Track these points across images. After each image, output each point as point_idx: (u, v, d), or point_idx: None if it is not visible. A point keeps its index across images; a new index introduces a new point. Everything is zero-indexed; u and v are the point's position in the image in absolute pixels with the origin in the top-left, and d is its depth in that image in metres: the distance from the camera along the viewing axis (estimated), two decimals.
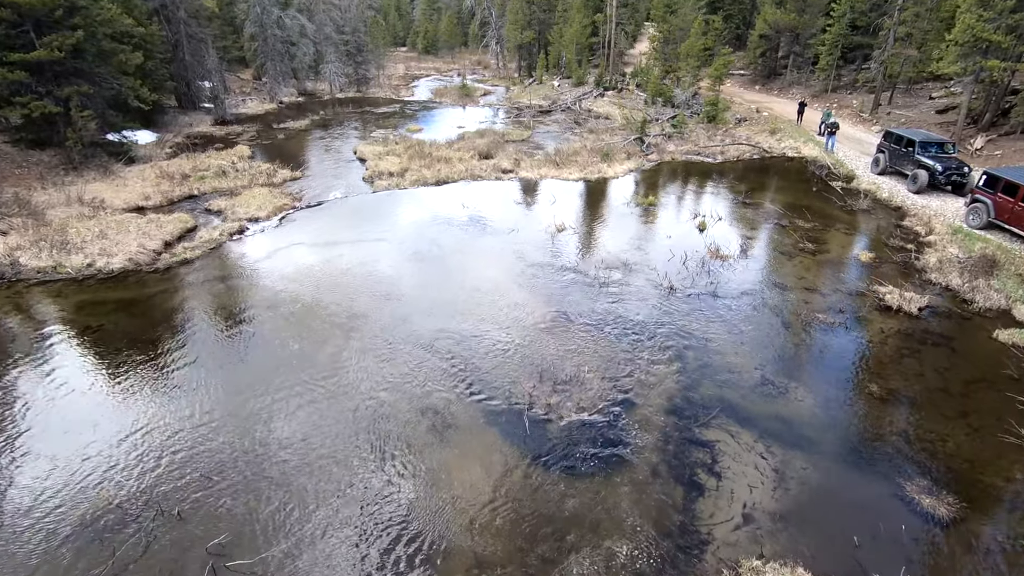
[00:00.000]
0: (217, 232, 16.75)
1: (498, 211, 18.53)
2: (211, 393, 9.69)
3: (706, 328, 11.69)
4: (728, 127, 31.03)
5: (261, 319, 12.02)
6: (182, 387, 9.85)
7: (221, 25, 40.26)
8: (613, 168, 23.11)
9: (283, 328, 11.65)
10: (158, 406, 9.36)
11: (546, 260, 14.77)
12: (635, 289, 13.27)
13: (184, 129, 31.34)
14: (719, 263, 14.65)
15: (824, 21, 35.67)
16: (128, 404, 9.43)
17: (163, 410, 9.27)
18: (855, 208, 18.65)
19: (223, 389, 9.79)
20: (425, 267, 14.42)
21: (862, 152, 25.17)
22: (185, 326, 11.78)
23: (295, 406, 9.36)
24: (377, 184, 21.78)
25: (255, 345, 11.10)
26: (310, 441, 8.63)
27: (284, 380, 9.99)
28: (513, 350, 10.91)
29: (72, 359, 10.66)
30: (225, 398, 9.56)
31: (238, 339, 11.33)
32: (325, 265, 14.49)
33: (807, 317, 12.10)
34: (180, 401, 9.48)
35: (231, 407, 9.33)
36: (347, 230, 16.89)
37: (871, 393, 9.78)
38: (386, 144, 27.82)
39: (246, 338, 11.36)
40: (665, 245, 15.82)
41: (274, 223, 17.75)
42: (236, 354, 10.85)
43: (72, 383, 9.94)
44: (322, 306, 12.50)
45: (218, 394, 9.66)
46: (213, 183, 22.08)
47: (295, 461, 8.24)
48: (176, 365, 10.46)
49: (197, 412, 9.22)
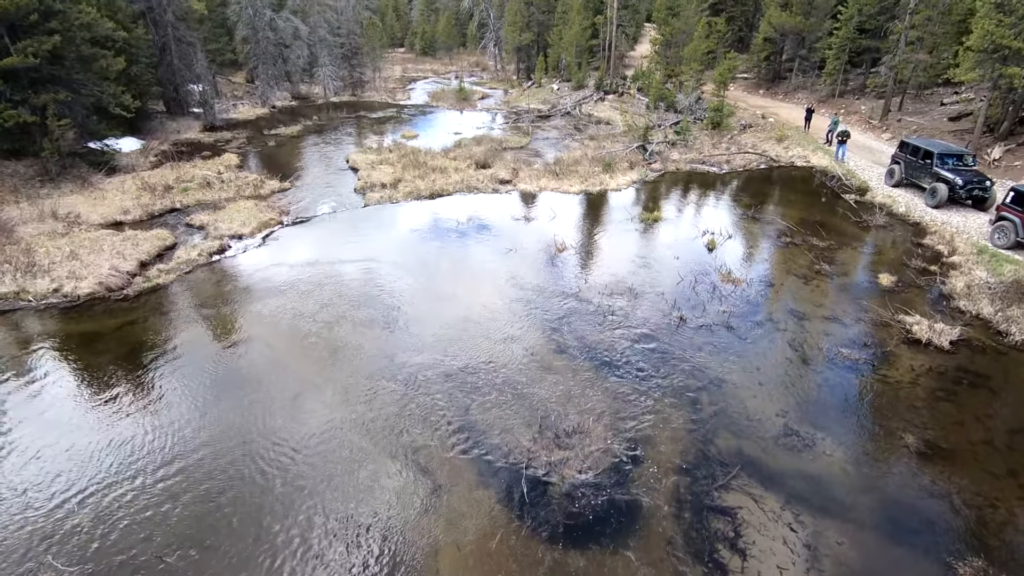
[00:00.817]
0: (196, 252, 15.74)
1: (494, 228, 17.55)
2: (165, 449, 8.70)
3: (720, 366, 10.72)
4: (733, 134, 30.07)
5: (233, 357, 11.03)
6: (132, 443, 8.85)
7: (212, 27, 39.23)
8: (615, 179, 22.13)
9: (256, 368, 10.66)
10: (99, 469, 8.37)
11: (546, 285, 13.79)
12: (642, 318, 12.30)
13: (171, 136, 30.32)
14: (731, 288, 13.68)
15: (830, 24, 34.74)
16: (67, 466, 8.44)
17: (106, 473, 8.28)
18: (871, 224, 17.69)
19: (179, 447, 8.80)
20: (415, 294, 13.43)
21: (874, 162, 24.22)
22: (145, 370, 10.75)
23: (255, 471, 8.36)
24: (369, 196, 20.79)
25: (224, 390, 10.10)
26: (271, 519, 7.64)
27: (248, 435, 9.00)
28: (510, 393, 9.94)
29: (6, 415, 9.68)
30: (180, 459, 8.57)
31: (205, 383, 10.32)
32: (306, 292, 13.50)
33: (829, 352, 11.13)
34: (129, 463, 8.49)
35: (187, 471, 8.34)
36: (333, 251, 15.89)
37: (907, 446, 8.81)
38: (379, 152, 26.83)
39: (214, 382, 10.35)
40: (673, 267, 14.85)
41: (257, 241, 16.75)
42: (201, 403, 9.83)
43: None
44: (300, 340, 11.51)
45: (174, 450, 8.67)
46: (197, 195, 21.09)
47: (249, 542, 7.25)
48: (129, 416, 9.46)
49: (147, 472, 8.23)
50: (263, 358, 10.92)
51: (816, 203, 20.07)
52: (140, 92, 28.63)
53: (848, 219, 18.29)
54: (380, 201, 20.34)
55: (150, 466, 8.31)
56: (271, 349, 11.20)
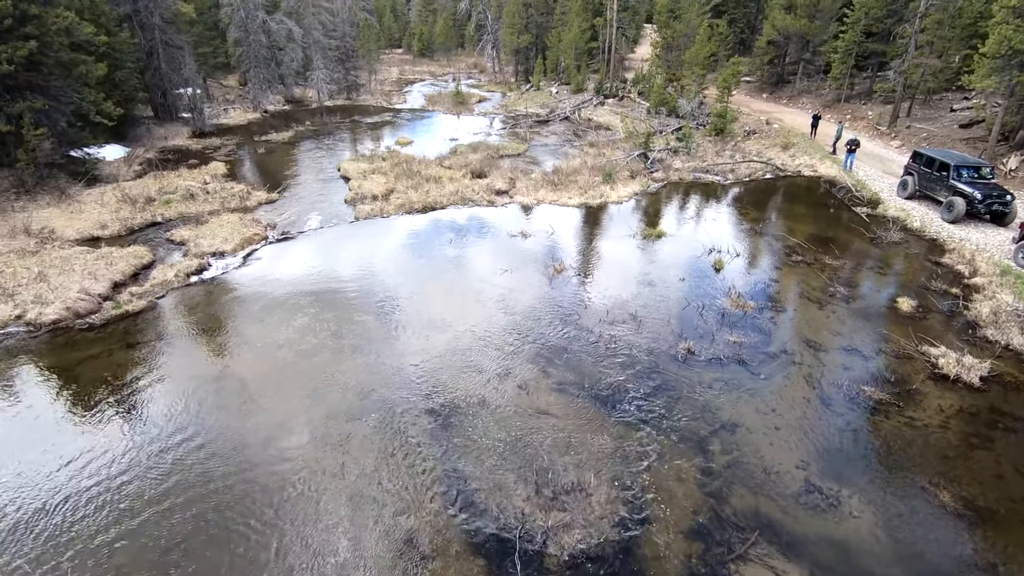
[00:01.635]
0: (173, 272, 14.85)
1: (489, 245, 16.67)
2: (109, 520, 7.82)
3: (733, 406, 9.85)
4: (737, 140, 29.21)
5: (201, 399, 10.13)
6: (71, 507, 7.97)
7: (203, 30, 38.31)
8: (616, 191, 21.25)
9: (227, 410, 9.77)
10: (32, 537, 7.49)
11: (543, 311, 12.90)
12: (646, 350, 11.42)
13: (158, 143, 29.42)
14: (741, 313, 12.81)
15: (835, 27, 33.91)
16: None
17: (41, 545, 7.40)
18: (885, 240, 16.83)
19: (127, 515, 7.92)
20: (401, 321, 12.55)
21: (884, 171, 23.38)
22: (98, 416, 9.85)
23: (217, 534, 7.49)
24: (359, 209, 19.90)
25: (188, 439, 9.22)
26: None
27: (209, 492, 8.12)
28: (503, 439, 9.06)
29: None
30: (127, 536, 7.68)
31: (167, 433, 9.43)
32: (285, 319, 12.61)
33: (850, 390, 10.26)
34: (68, 531, 7.61)
35: (136, 541, 7.46)
36: (316, 272, 14.99)
37: (942, 504, 7.95)
38: (372, 160, 25.94)
39: (178, 429, 9.47)
40: (678, 289, 13.97)
41: (238, 260, 15.84)
42: (160, 459, 8.96)
43: None
44: (276, 375, 10.62)
45: (120, 521, 7.79)
46: (180, 208, 20.19)
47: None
48: (71, 475, 8.57)
49: (84, 550, 7.35)
50: (235, 398, 10.03)
51: (826, 216, 19.21)
52: (125, 98, 27.74)
53: (860, 235, 17.43)
54: (370, 215, 19.45)
55: (89, 542, 7.43)
56: (244, 387, 10.31)
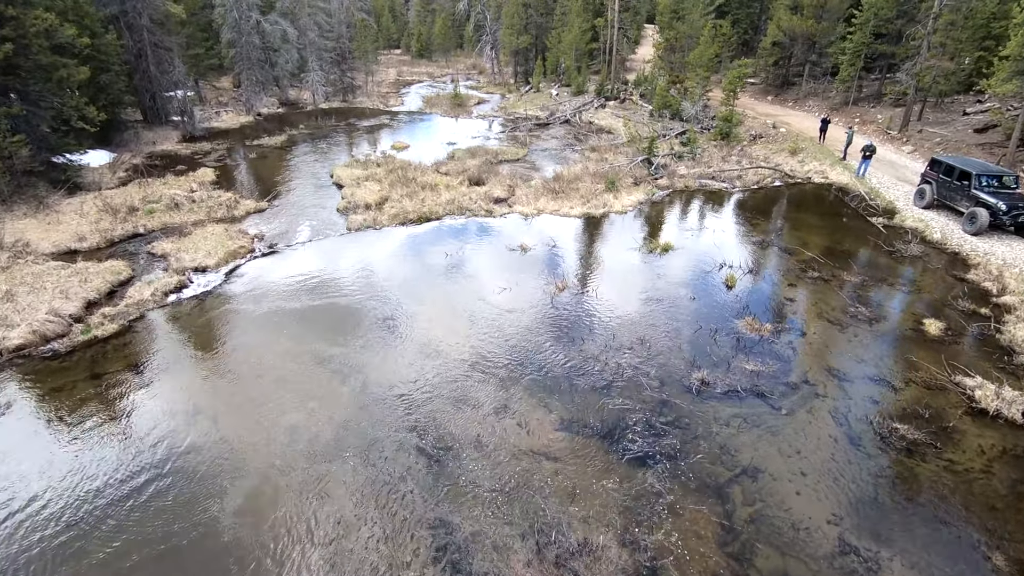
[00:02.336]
0: (150, 291, 13.94)
1: (487, 261, 15.76)
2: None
3: (754, 448, 8.96)
4: (743, 145, 28.32)
5: (166, 443, 9.23)
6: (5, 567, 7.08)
7: (195, 31, 37.41)
8: (620, 199, 20.36)
9: (195, 456, 8.88)
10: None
11: (544, 336, 12.00)
12: (657, 380, 10.53)
13: (146, 148, 28.50)
14: (756, 338, 11.92)
15: (843, 28, 33.03)
16: None
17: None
18: (905, 254, 15.94)
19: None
20: (389, 349, 11.65)
21: (897, 178, 22.49)
22: (50, 455, 8.98)
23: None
24: (351, 220, 19.00)
25: (148, 486, 8.33)
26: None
27: (157, 555, 7.23)
28: (500, 488, 8.17)
29: None
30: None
31: (119, 478, 8.54)
32: (264, 346, 11.70)
33: (881, 429, 9.37)
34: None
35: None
36: (302, 290, 14.08)
37: (996, 569, 7.06)
38: (366, 166, 25.05)
39: (131, 475, 8.58)
40: (689, 310, 13.08)
41: (220, 276, 14.94)
42: (105, 514, 8.07)
43: None
44: (250, 413, 9.72)
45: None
46: (164, 218, 19.30)
47: None
48: (8, 527, 7.68)
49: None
50: (204, 437, 9.13)
51: (840, 227, 18.32)
52: (111, 102, 26.82)
53: (878, 247, 16.55)
54: (362, 225, 18.55)
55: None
56: (215, 424, 9.41)
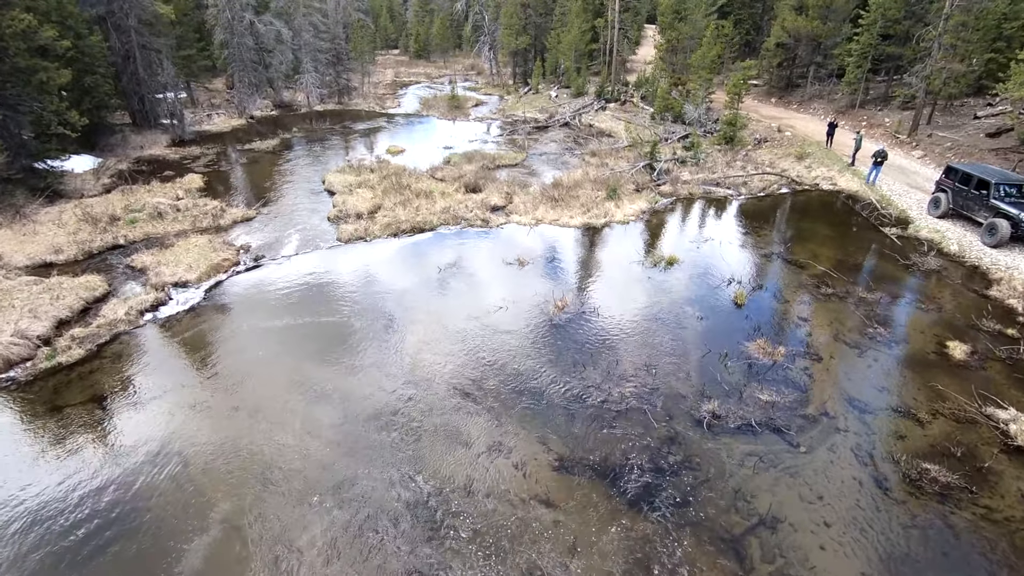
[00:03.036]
0: (124, 309, 13.14)
1: (482, 276, 14.96)
2: None
3: (771, 492, 8.18)
4: (747, 149, 27.54)
5: (126, 486, 8.45)
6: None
7: (187, 32, 36.57)
8: (622, 208, 19.56)
9: (153, 512, 8.09)
10: None
11: (542, 362, 11.20)
12: (664, 413, 9.75)
13: (134, 152, 27.70)
14: (770, 363, 11.13)
15: (849, 28, 32.26)
16: None
17: None
18: (922, 267, 15.17)
19: None
20: (374, 377, 10.86)
21: (909, 185, 21.72)
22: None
23: None
24: (342, 230, 18.20)
25: (92, 535, 7.55)
26: None
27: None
28: (493, 544, 7.38)
29: None
30: None
31: (72, 528, 7.77)
32: (241, 373, 10.92)
33: (910, 469, 8.58)
34: None
35: None
36: (285, 310, 13.28)
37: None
38: (359, 172, 24.25)
39: (86, 525, 7.80)
40: (696, 332, 12.29)
41: (200, 294, 14.13)
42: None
43: None
44: (222, 449, 8.94)
45: None
46: (146, 228, 18.51)
47: None
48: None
49: None
50: (169, 482, 8.35)
51: (852, 238, 17.54)
52: (96, 105, 26.07)
53: (893, 260, 15.77)
54: (353, 236, 17.76)
55: None
56: (185, 467, 8.62)
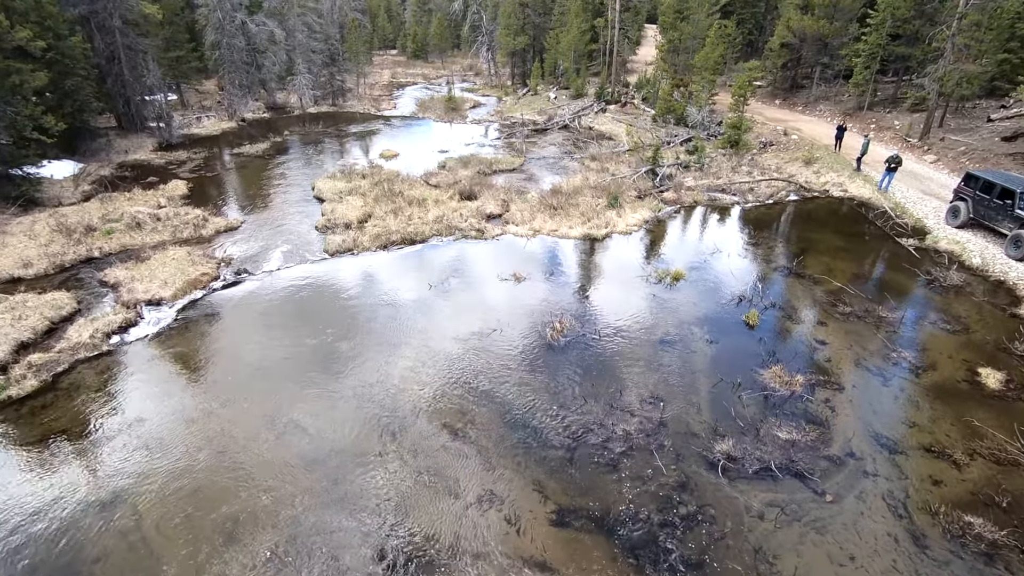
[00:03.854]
0: (90, 331, 12.19)
1: (476, 293, 14.01)
2: None
3: (795, 552, 7.25)
4: (753, 153, 26.63)
5: (72, 545, 7.53)
6: None
7: (176, 32, 35.61)
8: (624, 217, 18.62)
9: (105, 567, 7.18)
10: None
11: (539, 395, 10.25)
12: (673, 454, 8.82)
13: (118, 157, 26.77)
14: (787, 394, 10.21)
15: (857, 28, 31.33)
16: None
17: None
18: (943, 282, 14.25)
19: None
20: (352, 411, 9.93)
21: (923, 191, 20.80)
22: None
23: None
24: (329, 241, 17.28)
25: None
26: None
27: None
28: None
29: None
30: None
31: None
32: (207, 409, 9.99)
33: (951, 524, 7.66)
34: None
35: None
36: (259, 332, 12.36)
37: None
38: (350, 178, 23.31)
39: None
40: (706, 358, 11.36)
41: (173, 314, 13.19)
42: None
43: None
44: (181, 503, 8.02)
45: None
46: (123, 239, 17.57)
47: None
48: None
49: None
50: (117, 544, 7.43)
51: (867, 250, 16.63)
52: (78, 108, 25.13)
53: (912, 274, 14.86)
54: (341, 248, 16.83)
55: None
56: (135, 525, 7.69)
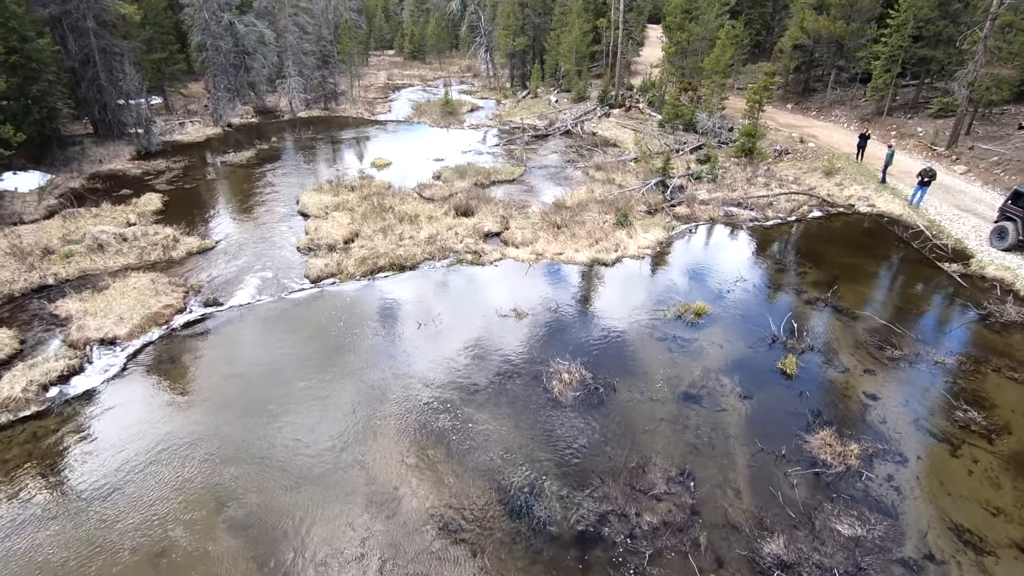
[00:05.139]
0: (23, 382, 10.48)
1: (470, 336, 12.20)
2: None
3: None
4: (769, 163, 24.99)
5: None
6: None
7: (158, 33, 33.94)
8: (635, 238, 16.95)
9: None
10: None
11: (545, 476, 8.52)
12: (711, 559, 7.16)
13: (91, 167, 25.08)
14: (841, 468, 8.54)
15: (875, 29, 29.70)
16: None
17: None
18: (1001, 318, 12.60)
19: None
20: (318, 511, 8.28)
21: (957, 207, 19.15)
22: None
23: None
24: (310, 265, 15.61)
25: None
26: None
27: None
28: None
29: None
30: None
31: None
32: (137, 503, 8.35)
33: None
34: None
35: None
36: (216, 390, 10.69)
37: None
38: (337, 191, 21.65)
39: None
40: (740, 417, 9.71)
41: (124, 358, 11.51)
42: None
43: None
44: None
45: None
46: (83, 263, 15.94)
47: None
48: None
49: None
50: None
51: (906, 276, 15.00)
52: (48, 115, 23.48)
53: (962, 306, 13.23)
54: (323, 274, 15.18)
55: None
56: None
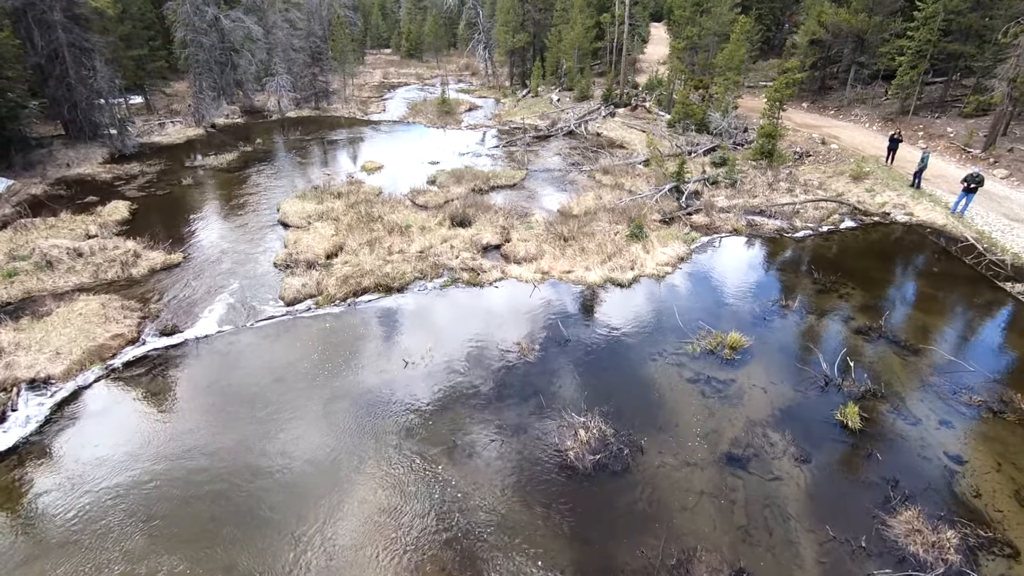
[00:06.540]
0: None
1: (466, 378, 10.33)
2: None
3: None
4: (789, 166, 23.17)
5: None
6: None
7: (137, 29, 32.07)
8: (652, 254, 15.09)
9: None
10: None
11: (557, 570, 6.78)
12: None
13: (58, 171, 23.19)
14: (938, 564, 6.70)
15: (900, 23, 27.90)
16: None
17: None
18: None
19: None
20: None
21: (1005, 216, 17.33)
22: None
23: None
24: (286, 285, 13.75)
25: None
26: None
27: None
28: None
29: None
30: None
31: None
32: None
33: None
34: None
35: None
36: (160, 448, 8.85)
37: None
38: (322, 199, 19.79)
39: None
40: (800, 490, 7.85)
41: (49, 407, 9.65)
42: None
43: None
44: None
45: None
46: (29, 283, 14.08)
47: None
48: None
49: None
50: None
51: (963, 298, 13.17)
52: (8, 115, 21.62)
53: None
54: (300, 295, 13.33)
55: None
56: None
